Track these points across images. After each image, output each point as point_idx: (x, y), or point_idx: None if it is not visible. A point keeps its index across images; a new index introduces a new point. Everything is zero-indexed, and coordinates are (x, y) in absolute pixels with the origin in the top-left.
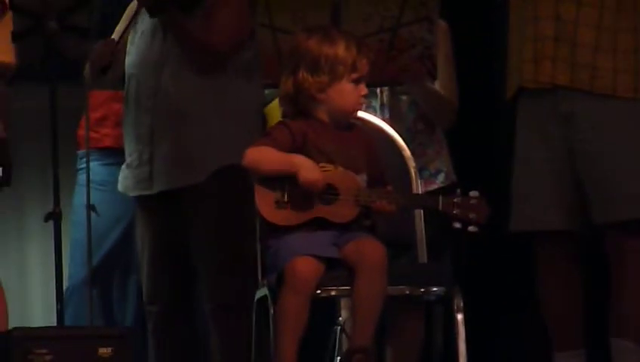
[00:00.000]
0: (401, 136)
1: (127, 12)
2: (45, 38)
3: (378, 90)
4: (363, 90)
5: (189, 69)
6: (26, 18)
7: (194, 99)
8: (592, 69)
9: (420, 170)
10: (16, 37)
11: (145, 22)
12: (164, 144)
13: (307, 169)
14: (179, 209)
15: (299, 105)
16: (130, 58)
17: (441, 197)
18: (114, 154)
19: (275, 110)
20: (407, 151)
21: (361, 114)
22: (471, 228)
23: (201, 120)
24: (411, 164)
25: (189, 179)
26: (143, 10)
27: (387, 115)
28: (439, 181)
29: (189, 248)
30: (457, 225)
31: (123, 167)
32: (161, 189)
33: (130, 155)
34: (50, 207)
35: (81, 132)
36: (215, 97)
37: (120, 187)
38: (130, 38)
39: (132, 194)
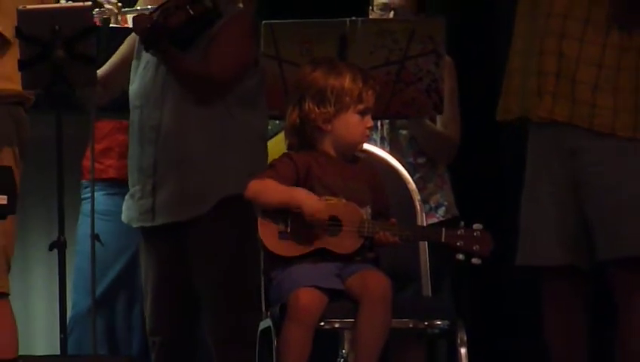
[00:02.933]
0: None
1: (129, 38)
2: (52, 66)
3: (378, 124)
4: (369, 122)
5: (190, 101)
6: (33, 46)
7: (196, 131)
8: (592, 106)
9: None
10: (23, 65)
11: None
12: (166, 176)
13: (309, 203)
14: (181, 240)
15: (304, 137)
16: (134, 88)
17: (444, 230)
18: (118, 185)
19: (279, 143)
20: (411, 184)
21: (366, 146)
22: (474, 261)
23: (203, 151)
24: (416, 196)
25: (192, 211)
26: None
27: (387, 149)
28: (439, 215)
29: (191, 279)
30: (461, 256)
31: (127, 197)
32: (163, 222)
33: (134, 186)
34: (54, 236)
35: (86, 162)
36: (217, 128)
37: (123, 217)
38: (133, 66)
39: (135, 225)
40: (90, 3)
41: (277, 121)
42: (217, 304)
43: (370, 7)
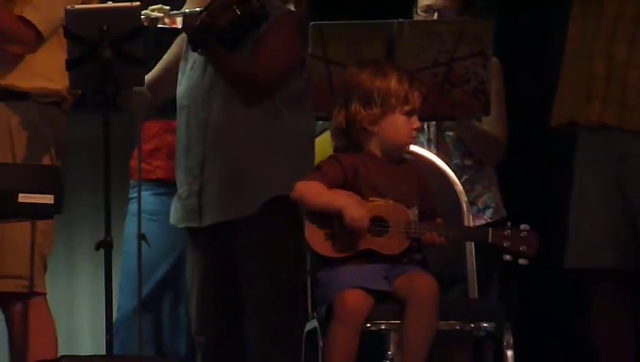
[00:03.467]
0: None
1: (177, 40)
2: (100, 66)
3: (425, 126)
4: (415, 123)
5: (237, 101)
6: (81, 46)
7: (243, 131)
8: None
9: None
10: (70, 65)
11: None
12: (214, 176)
13: (351, 208)
14: (228, 241)
15: (351, 139)
16: (181, 88)
17: (491, 230)
18: (166, 186)
19: (323, 143)
20: (458, 186)
21: (412, 148)
22: (521, 261)
23: (250, 152)
24: (463, 198)
25: (238, 212)
26: None
27: (434, 151)
28: (487, 216)
29: (238, 280)
30: (508, 257)
31: (174, 198)
32: (210, 222)
33: (181, 186)
34: (101, 236)
35: (134, 163)
36: (264, 128)
37: (171, 219)
38: (181, 67)
39: (182, 225)
40: (138, 3)
41: (320, 122)
42: (263, 304)
43: (415, 10)
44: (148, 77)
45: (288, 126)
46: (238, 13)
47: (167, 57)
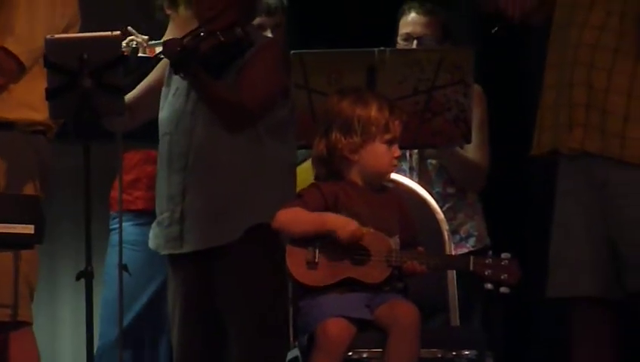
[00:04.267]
0: None
1: (160, 63)
2: (79, 96)
3: (407, 154)
4: (396, 151)
5: (219, 129)
6: (61, 75)
7: (225, 159)
8: (622, 137)
9: (451, 233)
10: (50, 94)
11: (179, 79)
12: (195, 203)
13: (342, 224)
14: (209, 268)
15: (331, 167)
16: (163, 115)
17: (472, 258)
18: (146, 216)
19: (305, 171)
20: (439, 214)
21: (393, 176)
22: (502, 290)
23: (232, 179)
24: (444, 226)
25: (219, 239)
26: None
27: (416, 179)
28: (469, 245)
29: (219, 308)
30: (489, 286)
31: (154, 224)
32: (191, 249)
33: (162, 213)
34: (82, 266)
35: (114, 193)
36: (247, 156)
37: (150, 244)
38: (163, 92)
39: (163, 252)
40: (118, 32)
41: (302, 150)
42: (245, 333)
43: (396, 38)
44: (128, 96)
45: (271, 154)
46: (222, 39)
47: (148, 79)
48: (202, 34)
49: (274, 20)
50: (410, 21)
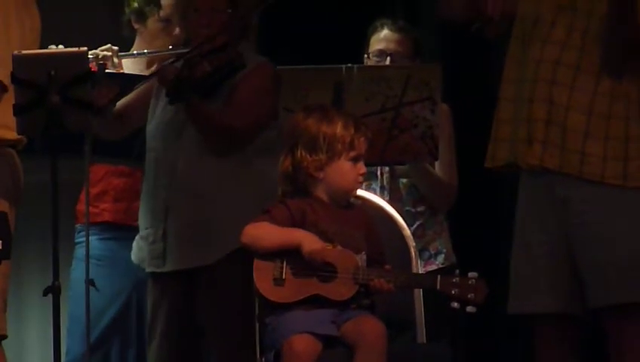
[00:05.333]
0: (401, 216)
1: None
2: (47, 111)
3: (378, 173)
4: (361, 168)
5: (207, 148)
6: (29, 91)
7: (210, 180)
8: (582, 154)
9: (420, 250)
10: (18, 110)
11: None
12: (177, 223)
13: (309, 240)
14: (192, 286)
15: (298, 184)
16: (151, 128)
17: (439, 277)
18: (112, 229)
19: None
20: (406, 230)
21: (360, 192)
22: (469, 309)
23: (216, 201)
24: (411, 243)
25: (201, 260)
26: None
27: (387, 198)
28: (439, 262)
29: (200, 324)
30: (455, 304)
31: (137, 237)
32: (172, 269)
33: (145, 228)
34: (49, 281)
35: (80, 206)
36: (232, 178)
37: (134, 258)
38: (152, 105)
39: (147, 269)
40: (85, 48)
41: None
42: (223, 351)
43: (366, 55)
44: (119, 103)
45: (258, 175)
46: (215, 63)
47: (140, 89)
48: (196, 57)
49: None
50: (383, 38)
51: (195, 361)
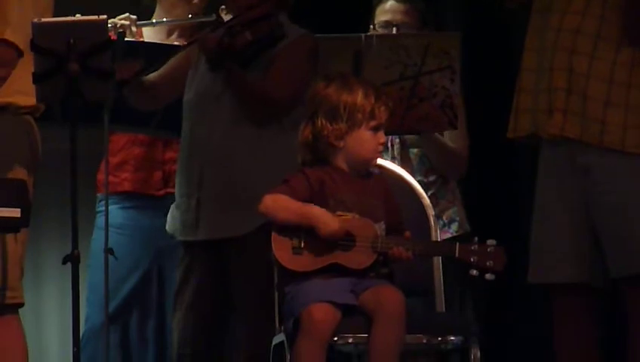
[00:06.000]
0: None
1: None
2: (66, 80)
3: (389, 143)
4: (381, 137)
5: (243, 119)
6: (48, 59)
7: (245, 151)
8: (602, 123)
9: None
10: (37, 78)
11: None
12: (212, 192)
13: (325, 221)
14: (223, 256)
15: (317, 153)
16: (188, 98)
17: (458, 245)
18: (133, 198)
19: None
20: (425, 199)
21: (380, 161)
22: (488, 276)
23: (250, 172)
24: (430, 211)
25: (233, 230)
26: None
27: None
28: (452, 230)
29: (229, 295)
30: (474, 272)
31: (172, 206)
32: (205, 238)
33: (180, 197)
34: (68, 250)
35: (101, 175)
36: (267, 149)
37: (168, 227)
38: (190, 75)
39: (179, 238)
40: (105, 17)
41: None
42: (254, 322)
43: (372, 26)
44: (152, 75)
45: (290, 148)
46: (257, 32)
47: (176, 58)
48: (237, 26)
49: None
50: (389, 9)
51: (220, 335)
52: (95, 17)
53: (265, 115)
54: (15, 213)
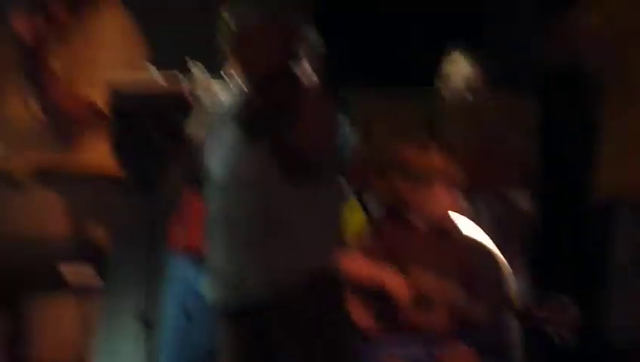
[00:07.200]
0: None
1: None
2: (145, 144)
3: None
4: (456, 195)
5: (280, 180)
6: (126, 124)
7: (284, 210)
8: None
9: None
10: (115, 142)
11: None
12: (256, 257)
13: (395, 284)
14: (265, 322)
15: (392, 210)
16: (219, 161)
17: (532, 305)
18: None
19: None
20: (501, 258)
21: (454, 219)
22: (562, 335)
23: (290, 231)
24: (506, 270)
25: (276, 291)
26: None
27: None
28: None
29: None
30: (549, 329)
31: (210, 275)
32: (247, 301)
33: (218, 263)
34: (142, 307)
35: (174, 231)
36: (306, 203)
37: (207, 297)
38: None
39: (219, 305)
40: (186, 85)
41: None
42: None
43: (440, 82)
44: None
45: (326, 198)
46: (283, 89)
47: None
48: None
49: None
50: (458, 69)
51: None
52: (178, 87)
53: (303, 172)
54: (90, 271)
